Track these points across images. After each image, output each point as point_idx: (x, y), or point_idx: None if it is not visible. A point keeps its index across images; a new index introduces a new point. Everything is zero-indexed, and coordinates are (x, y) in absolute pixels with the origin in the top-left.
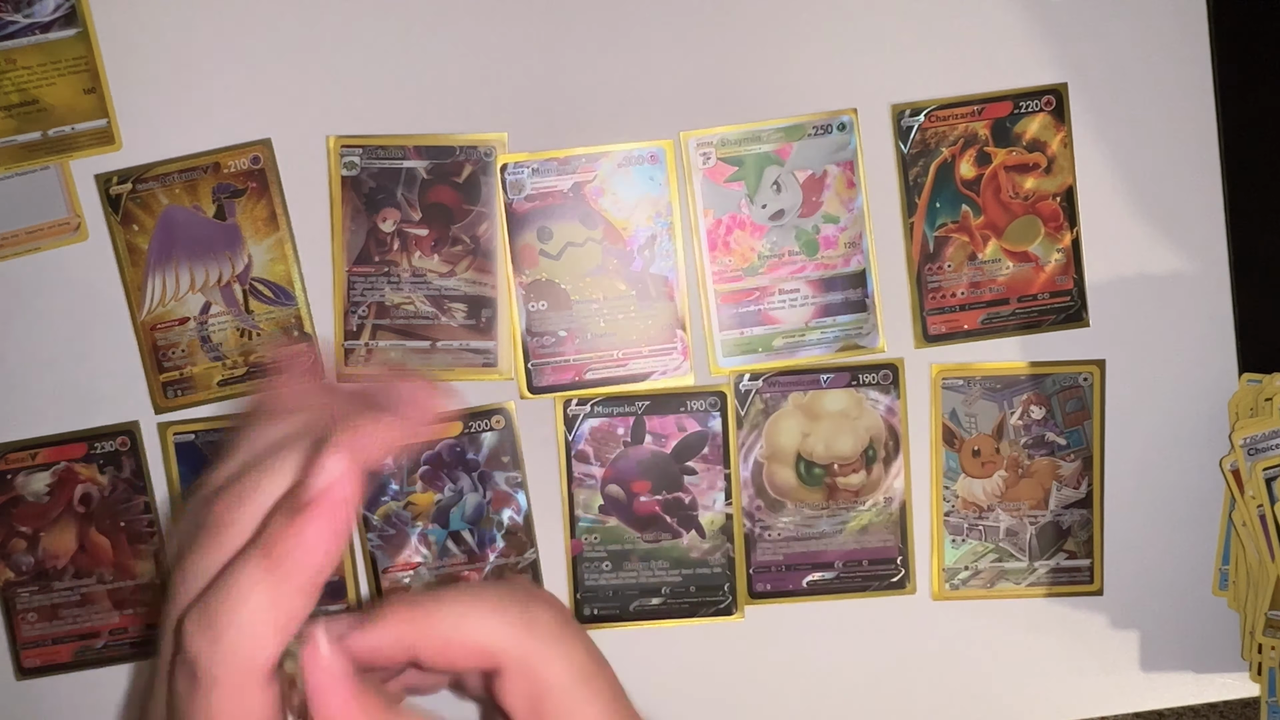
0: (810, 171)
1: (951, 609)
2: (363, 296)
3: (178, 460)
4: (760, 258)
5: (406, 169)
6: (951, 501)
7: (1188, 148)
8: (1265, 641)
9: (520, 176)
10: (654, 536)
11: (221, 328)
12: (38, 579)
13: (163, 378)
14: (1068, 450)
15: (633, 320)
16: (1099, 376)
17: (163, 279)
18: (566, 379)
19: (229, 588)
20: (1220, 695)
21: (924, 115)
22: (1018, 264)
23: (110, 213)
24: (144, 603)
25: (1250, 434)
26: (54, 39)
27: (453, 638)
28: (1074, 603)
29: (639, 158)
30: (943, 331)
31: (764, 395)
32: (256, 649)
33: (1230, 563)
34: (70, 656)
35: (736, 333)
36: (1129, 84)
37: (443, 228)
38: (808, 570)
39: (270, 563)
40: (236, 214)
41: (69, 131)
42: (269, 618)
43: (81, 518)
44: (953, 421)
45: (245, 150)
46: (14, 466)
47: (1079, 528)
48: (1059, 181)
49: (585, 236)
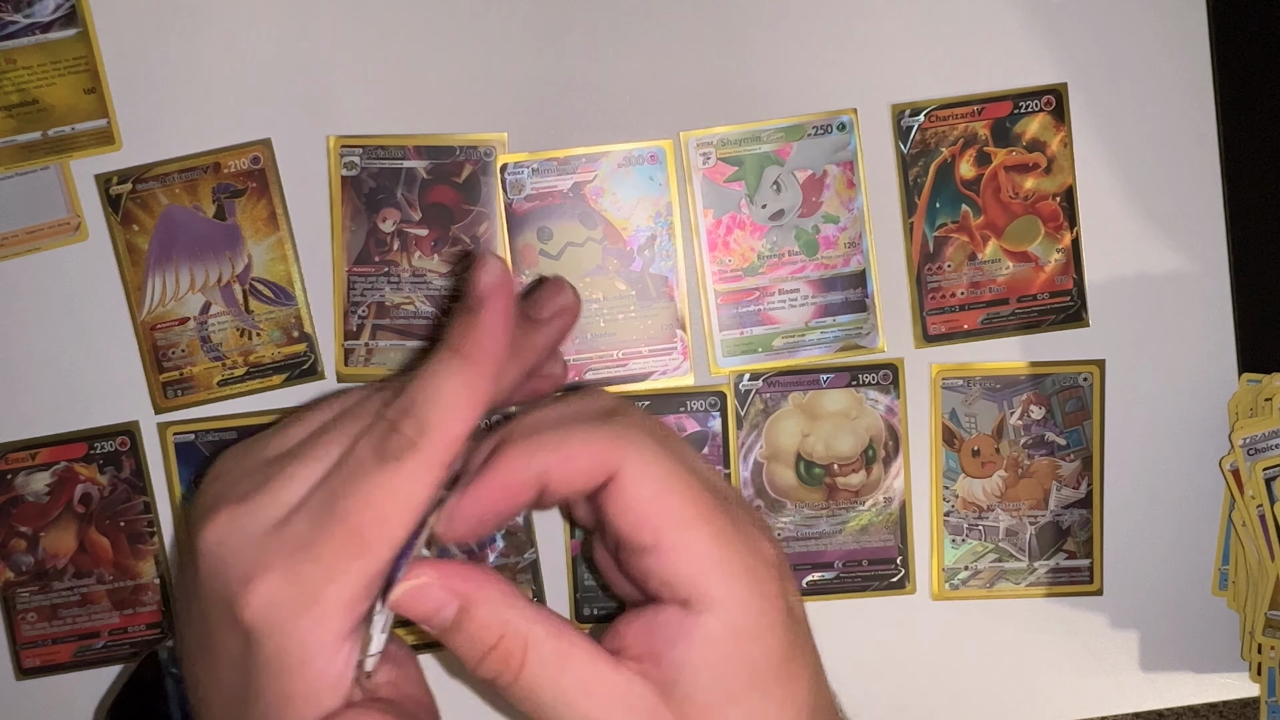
0: (810, 171)
1: (951, 609)
2: (363, 296)
3: (178, 460)
4: (760, 258)
5: (406, 169)
6: (951, 501)
7: (1188, 148)
8: (1265, 641)
9: (520, 176)
10: None
11: (221, 328)
12: (37, 579)
13: (163, 378)
14: (1068, 450)
15: (632, 320)
16: (1099, 376)
17: (163, 279)
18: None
19: (428, 378)
20: (1220, 695)
21: (924, 115)
22: (1018, 264)
23: (110, 213)
24: (144, 603)
25: (1250, 434)
26: (54, 39)
27: (575, 461)
28: (1074, 603)
29: (639, 158)
30: (942, 331)
31: (764, 395)
32: (457, 426)
33: (1230, 563)
34: (70, 656)
35: (736, 333)
36: (1129, 84)
37: (443, 228)
38: (807, 570)
39: (460, 353)
40: (236, 214)
41: (69, 131)
42: (466, 400)
43: (81, 518)
44: (952, 421)
45: (245, 150)
46: (14, 466)
47: (1079, 528)
48: (1059, 181)
49: (585, 236)
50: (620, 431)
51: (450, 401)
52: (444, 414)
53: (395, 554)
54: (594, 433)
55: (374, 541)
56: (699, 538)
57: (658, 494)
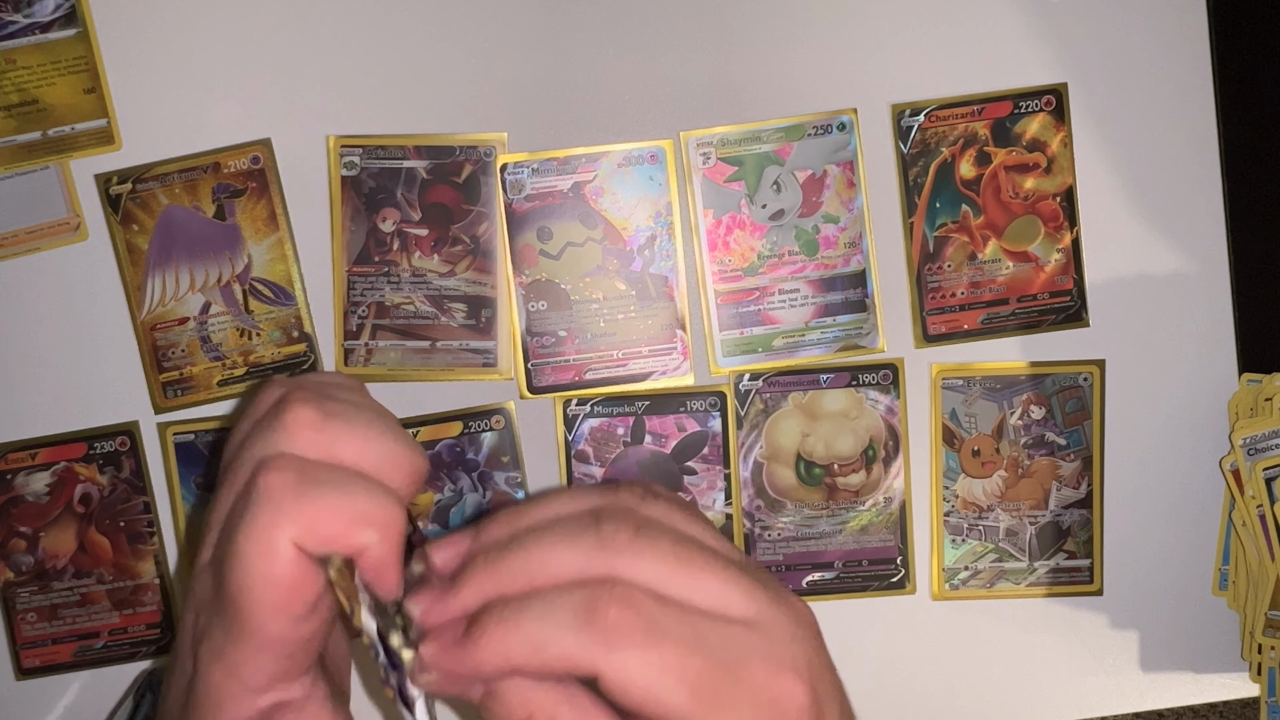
0: (810, 171)
1: (951, 609)
2: (363, 296)
3: (177, 460)
4: (760, 258)
5: (406, 169)
6: (951, 501)
7: (1188, 148)
8: (1265, 641)
9: (520, 176)
10: None
11: (221, 328)
12: (37, 579)
13: (162, 378)
14: (1068, 450)
15: (633, 320)
16: (1099, 376)
17: (162, 279)
18: (566, 379)
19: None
20: (1220, 695)
21: (924, 115)
22: (1018, 264)
23: (110, 213)
24: (144, 603)
25: (1250, 434)
26: (54, 39)
27: (549, 663)
28: (1074, 603)
29: (639, 158)
30: (942, 331)
31: (764, 395)
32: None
33: (1230, 563)
34: (70, 656)
35: (736, 333)
36: (1129, 84)
37: (443, 228)
38: (808, 570)
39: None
40: (236, 214)
41: (69, 131)
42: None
43: (81, 518)
44: (953, 421)
45: (245, 150)
46: (14, 466)
47: (1079, 528)
48: (1059, 181)
49: (585, 236)
50: (594, 617)
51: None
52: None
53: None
54: (565, 627)
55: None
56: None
57: (646, 699)
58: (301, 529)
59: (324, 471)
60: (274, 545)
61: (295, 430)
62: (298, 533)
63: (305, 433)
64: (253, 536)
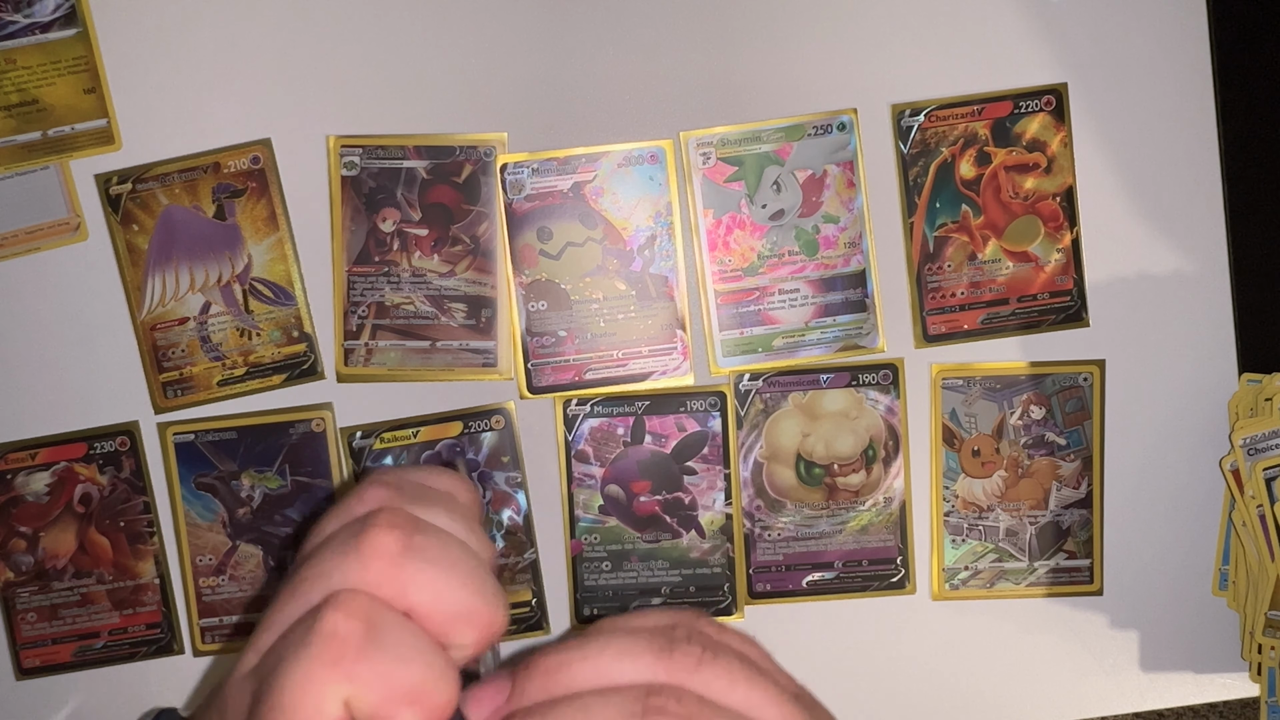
0: (810, 171)
1: (951, 609)
2: (363, 296)
3: (177, 460)
4: (760, 258)
5: (406, 169)
6: (951, 501)
7: (1188, 148)
8: (1265, 641)
9: (520, 176)
10: (654, 537)
11: (221, 328)
12: (37, 579)
13: (162, 378)
14: (1068, 450)
15: (633, 320)
16: (1099, 376)
17: (162, 279)
18: (566, 379)
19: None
20: (1220, 695)
21: (924, 115)
22: (1018, 264)
23: (110, 213)
24: (144, 603)
25: (1250, 434)
26: (54, 39)
27: None
28: (1074, 603)
29: (639, 158)
30: (942, 331)
31: (764, 395)
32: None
33: (1230, 563)
34: (70, 656)
35: (736, 333)
36: (1129, 84)
37: (443, 228)
38: (807, 570)
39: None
40: (236, 214)
41: (69, 131)
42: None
43: (81, 518)
44: (953, 421)
45: (245, 150)
46: (14, 466)
47: (1079, 528)
48: (1059, 181)
49: (585, 236)
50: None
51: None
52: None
53: None
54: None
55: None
56: None
57: None
58: (354, 691)
59: (391, 630)
60: (322, 704)
61: (372, 560)
62: (350, 693)
63: (382, 565)
64: (305, 686)
